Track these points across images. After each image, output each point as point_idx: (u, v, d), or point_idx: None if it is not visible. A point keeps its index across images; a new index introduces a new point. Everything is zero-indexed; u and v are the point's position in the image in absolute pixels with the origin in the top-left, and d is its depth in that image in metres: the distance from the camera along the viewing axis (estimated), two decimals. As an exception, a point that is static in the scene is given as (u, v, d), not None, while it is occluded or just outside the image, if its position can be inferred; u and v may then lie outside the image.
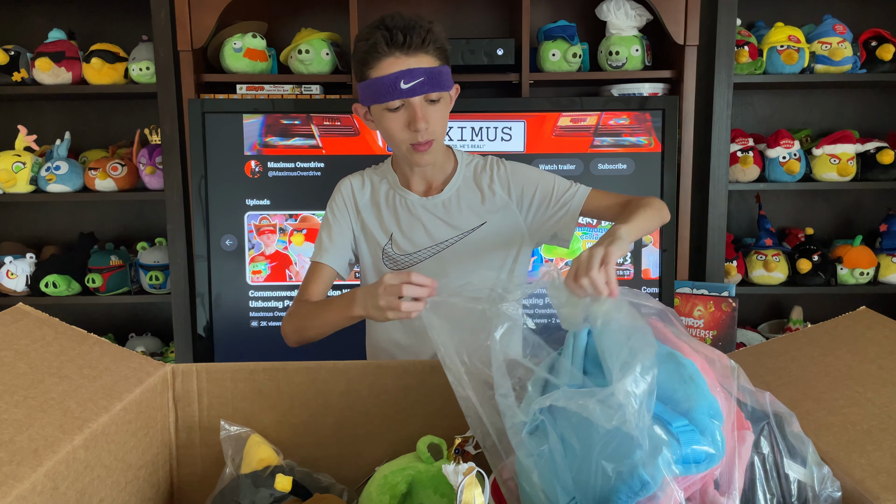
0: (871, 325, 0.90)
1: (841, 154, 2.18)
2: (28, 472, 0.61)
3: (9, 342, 0.80)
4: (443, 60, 1.20)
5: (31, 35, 2.32)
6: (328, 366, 0.92)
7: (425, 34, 1.15)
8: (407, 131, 1.19)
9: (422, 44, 1.15)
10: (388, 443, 0.91)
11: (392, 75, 1.14)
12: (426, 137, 1.19)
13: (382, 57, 1.15)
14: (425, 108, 1.18)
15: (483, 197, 1.33)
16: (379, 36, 1.14)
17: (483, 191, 1.33)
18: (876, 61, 2.16)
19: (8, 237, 2.44)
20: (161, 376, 0.88)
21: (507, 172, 1.35)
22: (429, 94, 1.17)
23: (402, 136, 1.20)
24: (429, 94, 1.17)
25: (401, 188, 1.33)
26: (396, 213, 1.33)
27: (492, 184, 1.33)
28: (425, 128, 1.17)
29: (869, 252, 2.25)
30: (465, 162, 1.36)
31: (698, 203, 2.20)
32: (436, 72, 1.17)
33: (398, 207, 1.33)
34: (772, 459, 0.68)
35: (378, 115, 1.21)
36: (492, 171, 1.35)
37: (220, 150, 1.95)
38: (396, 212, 1.33)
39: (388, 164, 1.37)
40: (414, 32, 1.14)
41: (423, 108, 1.17)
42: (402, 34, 1.13)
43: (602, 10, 2.15)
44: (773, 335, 2.38)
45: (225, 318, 1.98)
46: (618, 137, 1.96)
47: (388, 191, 1.35)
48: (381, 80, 1.15)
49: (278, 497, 0.80)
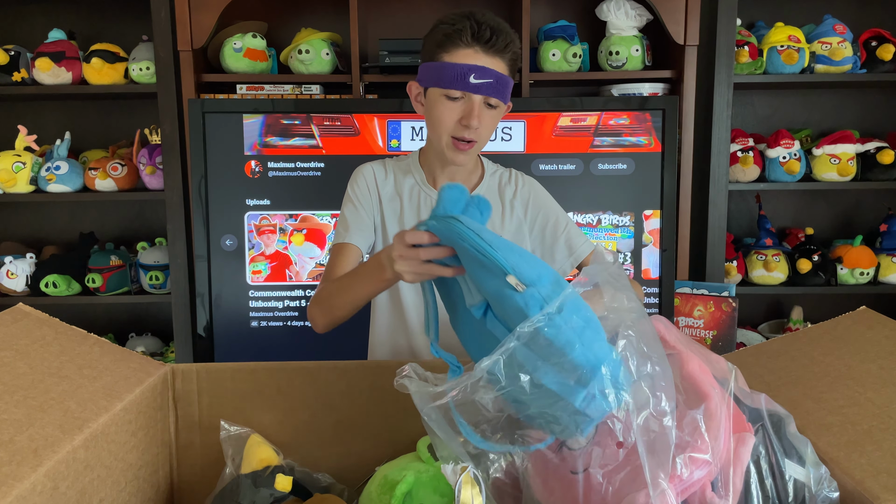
0: (871, 325, 0.90)
1: (841, 154, 2.18)
2: (28, 472, 0.61)
3: (9, 342, 0.80)
4: (512, 73, 1.21)
5: (31, 35, 2.32)
6: (328, 366, 0.92)
7: (509, 42, 1.17)
8: (457, 124, 1.19)
9: (504, 49, 1.16)
10: (388, 443, 0.91)
11: (466, 66, 1.15)
12: (472, 137, 1.19)
13: (463, 46, 1.16)
14: (482, 109, 1.18)
15: (503, 211, 1.34)
16: (467, 25, 1.15)
17: (504, 204, 1.34)
18: (876, 61, 2.16)
19: (8, 237, 2.44)
20: (161, 376, 0.88)
21: (529, 191, 1.36)
22: (489, 98, 1.18)
23: (451, 126, 1.19)
24: (489, 98, 1.18)
25: (427, 186, 1.33)
26: (419, 210, 1.32)
27: (514, 199, 1.34)
28: (476, 127, 1.18)
29: (869, 252, 2.25)
30: (490, 171, 1.36)
31: (698, 203, 2.20)
32: (505, 79, 1.18)
33: (421, 205, 1.32)
34: (768, 460, 0.68)
35: (434, 99, 1.20)
36: (515, 185, 1.36)
37: (220, 150, 1.95)
38: (419, 208, 1.32)
39: (415, 159, 1.35)
40: (500, 35, 1.15)
41: (481, 108, 1.18)
42: (489, 32, 1.15)
43: (602, 10, 2.15)
44: (773, 335, 2.38)
45: (225, 318, 1.98)
46: (618, 137, 1.96)
47: (413, 186, 1.33)
48: (455, 66, 1.15)
49: (278, 497, 0.80)
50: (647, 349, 0.68)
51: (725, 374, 0.72)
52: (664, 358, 0.67)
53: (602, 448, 0.68)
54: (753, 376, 0.87)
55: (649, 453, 0.62)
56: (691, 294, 2.03)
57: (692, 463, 0.63)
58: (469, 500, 0.61)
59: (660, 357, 0.67)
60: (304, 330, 2.00)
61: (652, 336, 0.69)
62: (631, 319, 0.70)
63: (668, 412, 0.64)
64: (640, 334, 0.69)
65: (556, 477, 0.71)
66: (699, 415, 0.65)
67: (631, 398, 0.67)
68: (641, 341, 0.68)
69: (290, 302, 1.98)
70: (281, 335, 2.00)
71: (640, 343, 0.68)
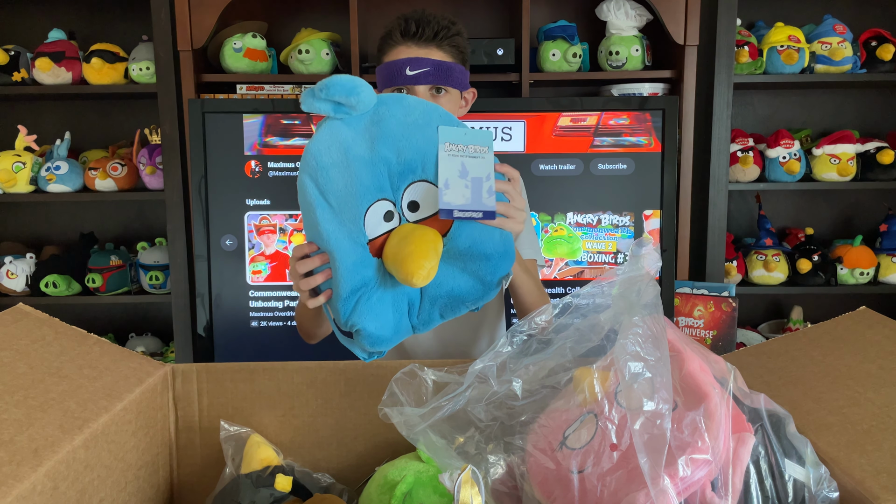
0: (871, 325, 0.90)
1: (841, 154, 2.18)
2: (28, 472, 0.61)
3: (9, 342, 0.80)
4: (457, 59, 1.22)
5: (31, 35, 2.32)
6: (328, 366, 0.92)
7: (439, 29, 1.19)
8: None
9: (433, 37, 1.19)
10: (388, 443, 0.91)
11: (400, 61, 1.18)
12: None
13: (395, 44, 1.20)
14: (430, 97, 1.19)
15: None
16: (396, 24, 1.20)
17: None
18: (876, 61, 2.16)
19: (8, 237, 2.44)
20: (161, 376, 0.88)
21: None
22: (434, 86, 1.19)
23: None
24: (434, 86, 1.19)
25: None
26: None
27: None
28: None
29: (869, 252, 2.25)
30: None
31: (698, 203, 2.20)
32: (446, 65, 1.19)
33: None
34: (768, 460, 0.68)
35: None
36: None
37: (220, 150, 1.95)
38: None
39: None
40: (428, 26, 1.18)
41: (427, 97, 1.19)
42: (415, 25, 1.18)
43: (602, 10, 2.15)
44: (773, 335, 2.38)
45: (225, 318, 1.98)
46: (618, 137, 1.96)
47: None
48: (390, 64, 1.19)
49: (278, 497, 0.80)
50: (646, 351, 0.68)
51: (725, 374, 0.72)
52: (666, 358, 0.67)
53: (597, 450, 0.68)
54: (753, 376, 0.87)
55: (648, 454, 0.62)
56: (691, 294, 2.03)
57: (692, 463, 0.63)
58: (468, 500, 0.61)
59: (660, 357, 0.67)
60: (304, 330, 2.00)
61: (658, 335, 0.69)
62: (640, 316, 0.70)
63: (664, 413, 0.64)
64: (645, 332, 0.69)
65: (554, 478, 0.71)
66: (699, 415, 0.65)
67: (625, 400, 0.67)
68: (648, 341, 0.68)
69: (290, 302, 1.98)
70: (281, 335, 2.00)
71: (645, 343, 0.68)
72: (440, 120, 0.91)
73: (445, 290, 0.92)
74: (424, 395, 0.79)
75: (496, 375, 0.78)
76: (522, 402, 0.77)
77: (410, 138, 0.89)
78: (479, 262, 0.93)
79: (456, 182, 0.88)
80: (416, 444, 0.75)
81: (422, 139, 0.90)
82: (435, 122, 0.91)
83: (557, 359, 0.78)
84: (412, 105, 0.91)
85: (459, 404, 0.76)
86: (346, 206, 0.88)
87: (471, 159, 0.89)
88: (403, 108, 0.90)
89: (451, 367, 0.82)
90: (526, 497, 0.73)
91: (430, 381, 0.80)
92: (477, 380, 0.78)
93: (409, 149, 0.89)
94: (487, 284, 0.94)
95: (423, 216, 0.92)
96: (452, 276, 0.93)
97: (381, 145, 0.89)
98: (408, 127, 0.89)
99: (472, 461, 0.75)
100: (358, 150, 0.88)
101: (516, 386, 0.77)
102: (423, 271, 0.84)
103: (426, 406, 0.76)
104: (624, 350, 0.68)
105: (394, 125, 0.89)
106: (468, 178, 0.89)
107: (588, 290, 0.79)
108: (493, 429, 0.77)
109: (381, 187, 0.90)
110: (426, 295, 0.93)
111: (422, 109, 0.91)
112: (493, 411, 0.77)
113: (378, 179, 0.89)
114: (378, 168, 0.89)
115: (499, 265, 0.94)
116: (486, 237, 0.93)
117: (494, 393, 0.77)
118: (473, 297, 0.94)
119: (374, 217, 0.90)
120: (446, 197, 0.87)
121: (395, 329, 0.91)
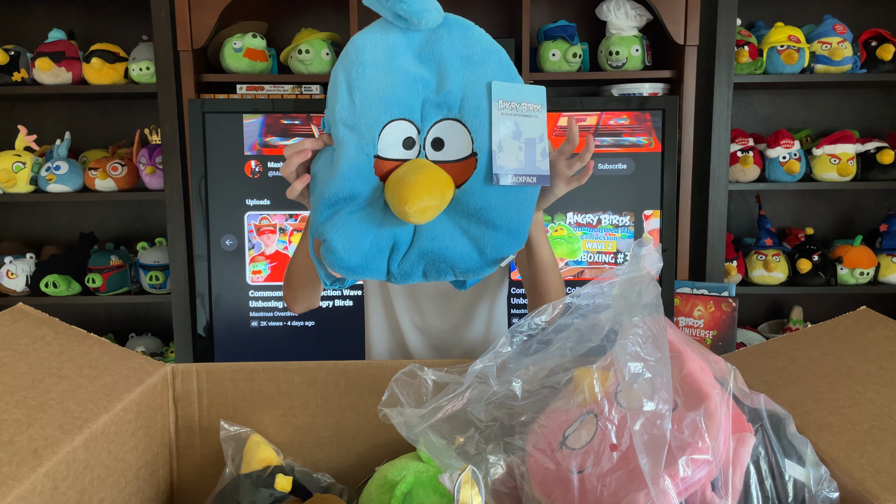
0: (871, 325, 0.90)
1: (841, 154, 2.18)
2: (28, 472, 0.61)
3: (9, 342, 0.80)
4: None
5: (31, 35, 2.32)
6: (328, 366, 0.92)
7: None
8: None
9: None
10: (388, 443, 0.91)
11: None
12: None
13: None
14: None
15: None
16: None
17: None
18: (876, 61, 2.16)
19: (8, 237, 2.44)
20: (161, 376, 0.88)
21: None
22: None
23: None
24: None
25: None
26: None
27: None
28: None
29: (869, 252, 2.25)
30: None
31: (698, 203, 2.20)
32: None
33: None
34: (768, 460, 0.68)
35: None
36: None
37: (220, 150, 1.95)
38: None
39: None
40: None
41: None
42: None
43: (602, 10, 2.15)
44: (773, 335, 2.38)
45: (225, 318, 1.98)
46: (618, 137, 1.96)
47: None
48: None
49: (278, 497, 0.80)
50: (646, 352, 0.68)
51: (725, 374, 0.72)
52: (666, 358, 0.67)
53: (597, 450, 0.68)
54: (753, 376, 0.87)
55: (648, 454, 0.62)
56: (691, 294, 2.03)
57: (692, 463, 0.63)
58: (468, 500, 0.61)
59: (660, 358, 0.67)
60: (305, 330, 2.00)
61: (659, 335, 0.69)
62: (640, 316, 0.70)
63: (664, 414, 0.64)
64: (646, 332, 0.69)
65: (554, 478, 0.71)
66: (699, 415, 0.65)
67: (625, 400, 0.67)
68: (648, 341, 0.68)
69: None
70: (281, 335, 2.00)
71: (645, 343, 0.68)
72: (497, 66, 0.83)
73: (438, 246, 0.85)
74: (424, 395, 0.79)
75: (496, 375, 0.78)
76: (522, 403, 0.77)
77: (459, 71, 0.82)
78: (484, 230, 0.85)
79: (509, 144, 0.82)
80: (416, 444, 0.75)
81: (471, 77, 0.82)
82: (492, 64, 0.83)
83: (557, 359, 0.78)
84: (475, 38, 0.83)
85: (459, 404, 0.76)
86: (368, 111, 0.81)
87: (524, 118, 0.83)
88: (465, 37, 0.82)
89: (451, 366, 0.82)
90: (526, 497, 0.73)
91: (430, 380, 0.80)
92: (477, 380, 0.78)
93: (453, 82, 0.82)
94: (485, 258, 0.87)
95: (445, 159, 0.84)
96: (450, 235, 0.86)
97: (428, 67, 0.82)
98: (462, 59, 0.82)
99: (472, 461, 0.75)
100: (402, 61, 0.81)
101: (516, 386, 0.77)
102: (419, 203, 0.78)
103: (426, 406, 0.76)
104: (624, 350, 0.68)
105: (448, 51, 0.82)
106: (521, 140, 0.83)
107: (588, 290, 0.79)
108: (493, 429, 0.77)
109: (411, 107, 0.82)
110: (416, 244, 0.86)
111: (483, 46, 0.83)
112: (492, 411, 0.77)
113: (410, 98, 0.82)
114: (415, 87, 0.82)
115: (503, 242, 0.86)
116: (500, 205, 0.85)
117: (494, 393, 0.77)
118: (465, 266, 0.87)
119: (394, 136, 0.83)
120: (500, 160, 0.81)
121: (363, 260, 0.85)
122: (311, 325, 2.00)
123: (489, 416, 0.77)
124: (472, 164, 0.83)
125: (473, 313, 1.31)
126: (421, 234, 0.85)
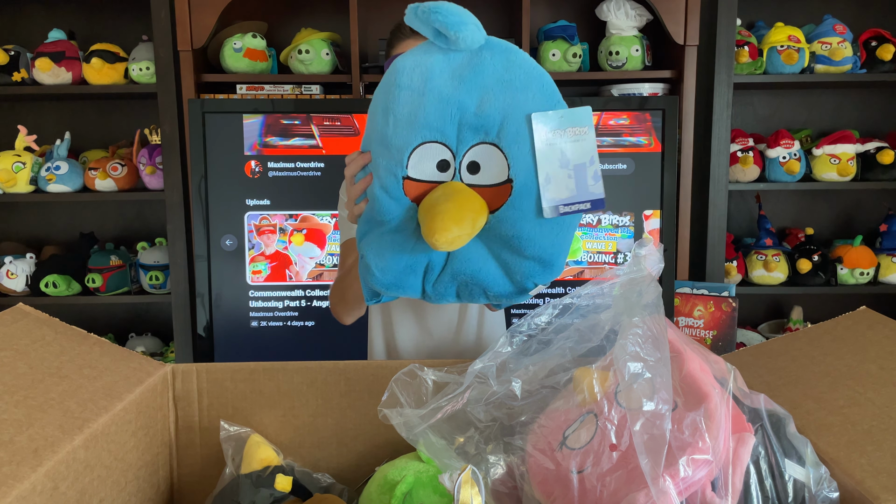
0: (871, 325, 0.90)
1: (841, 154, 2.18)
2: (28, 472, 0.61)
3: (9, 342, 0.80)
4: None
5: (31, 35, 2.32)
6: (328, 366, 0.92)
7: None
8: None
9: None
10: (388, 443, 0.91)
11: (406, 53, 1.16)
12: None
13: (404, 38, 1.20)
14: None
15: None
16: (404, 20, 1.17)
17: None
18: (876, 61, 2.16)
19: (8, 237, 2.44)
20: (161, 376, 0.88)
21: None
22: None
23: None
24: None
25: None
26: None
27: None
28: None
29: (869, 252, 2.25)
30: None
31: (698, 203, 2.20)
32: None
33: None
34: (768, 460, 0.68)
35: None
36: None
37: (220, 150, 1.95)
38: None
39: None
40: None
41: None
42: None
43: (602, 10, 2.15)
44: (773, 335, 2.38)
45: (225, 318, 1.98)
46: (618, 137, 1.96)
47: None
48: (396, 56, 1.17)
49: (278, 497, 0.80)
50: (646, 352, 0.68)
51: (725, 374, 0.72)
52: (666, 359, 0.67)
53: (597, 450, 0.68)
54: (753, 376, 0.87)
55: (648, 454, 0.62)
56: (691, 294, 2.03)
57: (693, 463, 0.63)
58: (468, 500, 0.61)
59: (660, 358, 0.67)
60: (304, 330, 2.00)
61: (659, 335, 0.69)
62: (640, 316, 0.70)
63: (664, 414, 0.64)
64: (646, 332, 0.69)
65: (553, 478, 0.71)
66: (699, 415, 0.65)
67: (625, 400, 0.67)
68: (648, 341, 0.68)
69: (290, 302, 1.98)
70: (281, 335, 2.00)
71: (645, 343, 0.68)
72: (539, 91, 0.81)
73: (471, 268, 0.85)
74: (424, 396, 0.79)
75: (496, 376, 0.78)
76: (522, 403, 0.77)
77: (499, 95, 0.80)
78: (514, 258, 0.84)
79: (557, 174, 0.80)
80: (415, 445, 0.75)
81: (511, 102, 0.80)
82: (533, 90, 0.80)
83: (557, 359, 0.78)
84: (517, 62, 0.81)
85: (459, 405, 0.76)
86: (399, 133, 0.81)
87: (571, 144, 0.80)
88: (507, 61, 0.81)
89: (451, 367, 0.82)
90: (526, 497, 0.73)
91: (429, 381, 0.80)
92: (476, 380, 0.78)
93: (493, 106, 0.80)
94: (516, 285, 0.86)
95: (480, 183, 0.83)
96: (483, 258, 0.85)
97: (466, 90, 0.80)
98: (502, 83, 0.80)
99: (472, 461, 0.75)
100: (439, 83, 0.80)
101: (516, 386, 0.77)
102: (448, 234, 0.76)
103: (426, 407, 0.76)
104: (624, 350, 0.68)
105: (489, 75, 0.80)
106: (570, 167, 0.80)
107: (588, 291, 0.79)
108: (493, 429, 0.77)
109: (443, 131, 0.81)
110: (449, 266, 0.86)
111: (525, 70, 0.81)
112: (492, 411, 0.77)
113: (443, 121, 0.81)
114: (449, 110, 0.80)
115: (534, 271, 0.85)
116: (533, 236, 0.83)
117: (494, 393, 0.77)
118: (497, 290, 0.86)
119: (427, 159, 0.82)
120: (549, 193, 0.79)
121: (396, 279, 0.85)
122: (311, 325, 2.00)
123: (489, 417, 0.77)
124: (508, 190, 0.81)
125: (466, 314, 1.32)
126: (454, 255, 0.85)
